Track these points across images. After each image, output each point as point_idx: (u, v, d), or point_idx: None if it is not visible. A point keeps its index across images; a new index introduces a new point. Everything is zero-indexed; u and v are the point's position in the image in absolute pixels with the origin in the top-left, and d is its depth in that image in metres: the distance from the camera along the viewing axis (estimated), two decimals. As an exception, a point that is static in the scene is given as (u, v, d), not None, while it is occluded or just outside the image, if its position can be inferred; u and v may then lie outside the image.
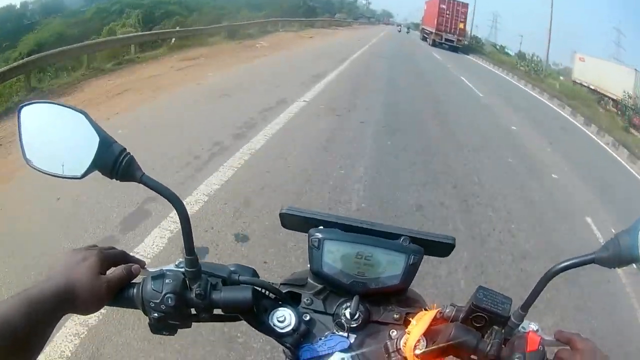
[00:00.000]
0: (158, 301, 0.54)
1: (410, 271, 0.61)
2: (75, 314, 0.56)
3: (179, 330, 0.58)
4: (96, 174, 0.54)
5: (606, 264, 0.53)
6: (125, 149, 0.54)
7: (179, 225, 0.56)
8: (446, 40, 27.41)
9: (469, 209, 4.10)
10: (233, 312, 0.59)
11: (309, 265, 0.63)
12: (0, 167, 3.86)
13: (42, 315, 0.49)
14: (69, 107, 0.54)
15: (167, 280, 0.55)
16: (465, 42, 29.16)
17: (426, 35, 32.33)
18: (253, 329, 0.61)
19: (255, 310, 0.58)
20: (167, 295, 0.54)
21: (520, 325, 0.57)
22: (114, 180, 0.54)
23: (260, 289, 0.60)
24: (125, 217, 3.02)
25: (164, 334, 0.58)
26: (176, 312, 0.55)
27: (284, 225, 0.66)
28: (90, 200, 3.16)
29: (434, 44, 28.03)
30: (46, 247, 2.59)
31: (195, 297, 0.56)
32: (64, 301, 0.52)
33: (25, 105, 0.54)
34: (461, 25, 27.85)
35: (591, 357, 0.52)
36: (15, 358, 0.46)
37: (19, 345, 0.46)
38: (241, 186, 3.63)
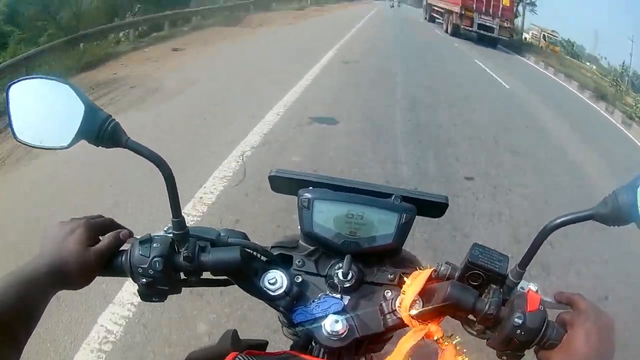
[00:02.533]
0: (146, 266, 0.54)
1: (403, 230, 0.60)
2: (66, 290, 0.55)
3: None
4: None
5: (605, 220, 0.51)
6: (110, 115, 0.54)
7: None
8: (480, 26, 14.78)
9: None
10: (222, 274, 0.58)
11: (299, 227, 0.62)
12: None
13: (34, 295, 0.49)
14: (54, 79, 0.54)
15: (154, 245, 0.55)
16: (513, 34, 16.23)
17: (437, 16, 19.17)
18: None
19: (245, 273, 0.58)
20: (155, 259, 0.54)
21: (519, 285, 0.56)
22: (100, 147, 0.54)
23: (250, 251, 0.59)
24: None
25: (154, 301, 0.57)
26: (165, 277, 0.54)
27: (273, 188, 0.66)
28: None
29: (455, 33, 15.74)
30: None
31: (183, 259, 0.55)
32: (56, 278, 0.52)
33: (13, 83, 0.55)
34: (506, 1, 15.00)
35: (595, 319, 0.50)
36: (7, 338, 0.46)
37: (11, 326, 0.46)
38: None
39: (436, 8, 19.45)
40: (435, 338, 0.55)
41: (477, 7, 14.48)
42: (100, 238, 0.58)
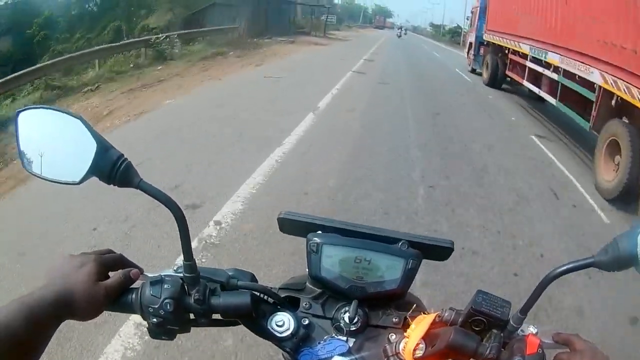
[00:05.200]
0: (157, 306, 0.54)
1: (409, 275, 0.61)
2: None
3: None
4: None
5: (605, 267, 0.54)
6: (122, 154, 0.53)
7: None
8: None
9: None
10: (232, 317, 0.59)
11: (307, 270, 0.62)
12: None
13: (41, 322, 0.49)
14: (66, 112, 0.54)
15: (165, 286, 0.55)
16: None
17: (530, 87, 6.95)
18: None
19: (254, 315, 0.58)
20: (166, 301, 0.54)
21: (520, 329, 0.57)
22: (112, 185, 0.53)
23: (258, 294, 0.60)
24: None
25: (163, 339, 0.58)
26: (175, 318, 0.55)
27: (282, 229, 0.66)
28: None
29: None
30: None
31: (194, 302, 0.56)
32: (63, 308, 0.52)
33: (22, 110, 0.55)
34: None
35: (591, 358, 0.52)
36: None
37: (17, 352, 0.46)
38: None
39: (542, 74, 6.69)
40: None
41: None
42: (110, 274, 0.58)
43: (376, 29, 50.85)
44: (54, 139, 0.54)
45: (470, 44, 12.10)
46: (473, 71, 12.00)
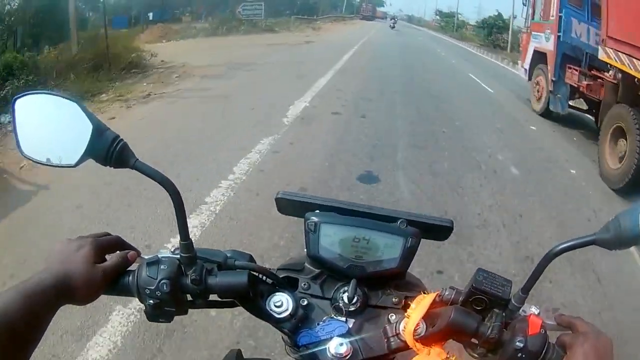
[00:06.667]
0: (153, 287, 0.54)
1: (408, 254, 0.61)
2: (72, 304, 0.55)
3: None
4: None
5: (607, 245, 0.52)
6: (118, 135, 0.54)
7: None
8: None
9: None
10: (229, 297, 0.58)
11: (305, 250, 0.62)
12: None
13: (40, 308, 0.49)
14: (62, 97, 0.54)
15: (162, 266, 0.55)
16: None
17: None
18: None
19: (251, 296, 0.58)
20: (163, 281, 0.54)
21: (521, 309, 0.57)
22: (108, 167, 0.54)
23: (256, 274, 0.59)
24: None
25: (160, 321, 0.57)
26: (172, 299, 0.55)
27: (280, 210, 0.66)
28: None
29: None
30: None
31: (190, 282, 0.55)
32: (61, 293, 0.52)
33: (19, 96, 0.55)
34: None
35: (594, 340, 0.51)
36: (12, 350, 0.46)
37: (17, 338, 0.46)
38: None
39: None
40: None
41: None
42: (107, 257, 0.58)
43: (363, 20, 41.66)
44: (50, 123, 0.54)
45: (540, 55, 6.14)
46: (548, 113, 6.18)
